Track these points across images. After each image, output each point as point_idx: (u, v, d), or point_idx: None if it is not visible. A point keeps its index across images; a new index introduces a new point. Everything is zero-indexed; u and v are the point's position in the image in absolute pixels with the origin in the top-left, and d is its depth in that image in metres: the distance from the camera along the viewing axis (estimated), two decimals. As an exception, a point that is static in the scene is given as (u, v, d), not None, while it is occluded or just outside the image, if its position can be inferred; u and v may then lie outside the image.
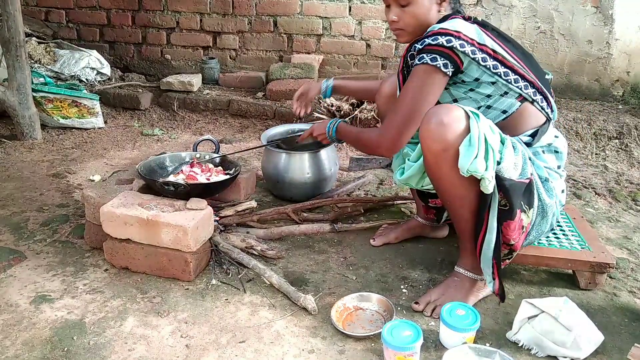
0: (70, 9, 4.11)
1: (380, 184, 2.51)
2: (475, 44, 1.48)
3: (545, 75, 1.63)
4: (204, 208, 1.74)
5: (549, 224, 1.62)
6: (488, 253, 1.48)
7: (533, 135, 1.57)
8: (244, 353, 1.39)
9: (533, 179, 1.49)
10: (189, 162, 2.10)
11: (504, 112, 1.56)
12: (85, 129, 3.27)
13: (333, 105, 2.99)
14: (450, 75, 1.50)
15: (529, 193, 1.48)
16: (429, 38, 1.49)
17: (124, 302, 1.60)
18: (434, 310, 1.54)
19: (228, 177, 2.00)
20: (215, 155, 2.15)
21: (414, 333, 1.32)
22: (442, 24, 1.50)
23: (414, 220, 1.97)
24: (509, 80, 1.52)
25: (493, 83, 1.52)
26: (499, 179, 1.42)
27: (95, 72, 3.75)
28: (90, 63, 3.71)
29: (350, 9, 3.66)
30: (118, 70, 3.97)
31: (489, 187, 1.41)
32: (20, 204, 2.24)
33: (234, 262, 1.77)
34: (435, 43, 1.47)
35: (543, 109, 1.59)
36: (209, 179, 1.99)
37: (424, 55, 1.49)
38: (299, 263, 1.82)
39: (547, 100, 1.60)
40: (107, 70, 3.80)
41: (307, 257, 1.86)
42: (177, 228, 1.64)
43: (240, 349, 1.41)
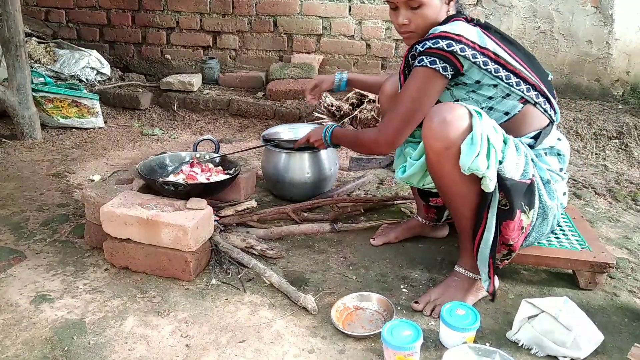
0: (70, 9, 4.11)
1: (380, 184, 2.51)
2: (477, 48, 1.47)
3: (548, 77, 1.63)
4: (204, 208, 1.74)
5: (549, 226, 1.62)
6: (485, 251, 1.48)
7: (536, 137, 1.57)
8: (244, 353, 1.39)
9: (534, 180, 1.49)
10: (189, 161, 2.10)
11: (506, 113, 1.56)
12: (85, 129, 3.27)
13: (333, 105, 2.98)
14: (450, 78, 1.50)
15: (530, 194, 1.48)
16: (430, 41, 1.48)
17: (124, 301, 1.60)
18: (434, 310, 1.54)
19: (228, 177, 2.00)
20: (215, 155, 2.15)
21: (414, 333, 1.32)
22: (443, 27, 1.49)
23: (414, 220, 1.97)
24: (511, 84, 1.51)
25: (494, 85, 1.52)
26: (500, 179, 1.42)
27: (95, 72, 3.75)
28: (90, 63, 3.71)
29: (350, 9, 3.66)
30: (118, 70, 3.97)
31: (490, 185, 1.41)
32: (20, 204, 2.24)
33: (234, 261, 1.77)
34: (436, 47, 1.46)
35: (546, 111, 1.59)
36: (209, 179, 1.98)
37: (424, 58, 1.49)
38: (299, 263, 1.82)
39: (549, 103, 1.59)
40: (107, 70, 3.80)
41: (307, 256, 1.86)
42: (177, 228, 1.64)
43: (240, 349, 1.41)
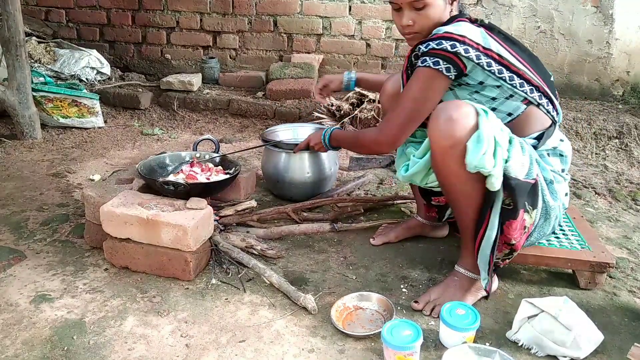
0: (70, 9, 4.11)
1: (380, 184, 2.51)
2: (480, 49, 1.47)
3: (550, 78, 1.63)
4: (204, 207, 1.74)
5: (551, 227, 1.62)
6: (486, 250, 1.48)
7: (539, 138, 1.57)
8: (244, 352, 1.39)
9: (538, 180, 1.49)
10: (189, 161, 2.10)
11: (509, 114, 1.55)
12: (85, 129, 3.27)
13: (333, 105, 2.98)
14: (453, 79, 1.50)
15: (534, 194, 1.47)
16: (434, 42, 1.48)
17: (124, 301, 1.60)
18: (434, 310, 1.54)
19: (228, 176, 2.00)
20: (215, 155, 2.15)
21: (414, 332, 1.32)
22: (447, 27, 1.49)
23: (414, 220, 1.97)
24: (514, 85, 1.51)
25: (498, 86, 1.52)
26: (506, 178, 1.41)
27: (95, 71, 3.75)
28: (90, 62, 3.71)
29: (350, 9, 3.66)
30: (118, 70, 3.97)
31: (496, 184, 1.40)
32: (20, 204, 2.24)
33: (234, 261, 1.77)
34: (440, 47, 1.46)
35: (549, 112, 1.58)
36: (209, 179, 1.98)
37: (427, 58, 1.48)
38: (299, 262, 1.82)
39: (552, 104, 1.59)
40: (107, 70, 3.80)
41: (307, 256, 1.86)
42: (177, 227, 1.64)
43: (240, 349, 1.41)
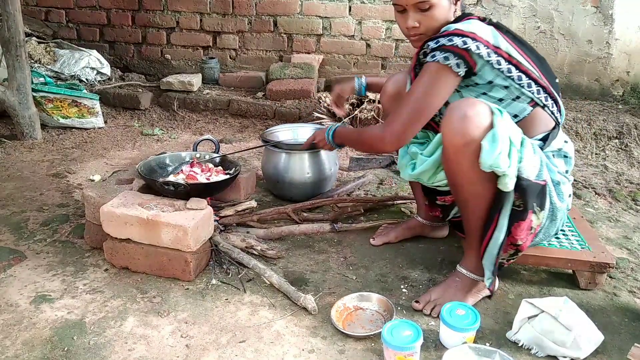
0: (70, 9, 4.11)
1: (380, 184, 2.51)
2: (491, 46, 1.45)
3: (556, 79, 1.62)
4: (204, 208, 1.74)
5: (557, 228, 1.62)
6: (493, 251, 1.47)
7: (544, 140, 1.56)
8: (244, 353, 1.39)
9: (547, 182, 1.48)
10: (189, 161, 2.10)
11: (515, 116, 1.54)
12: (85, 129, 3.27)
13: (333, 105, 2.98)
14: (463, 77, 1.47)
15: (543, 195, 1.47)
16: (444, 38, 1.45)
17: (124, 302, 1.60)
18: (434, 309, 1.54)
19: (228, 177, 2.00)
20: (215, 155, 2.15)
21: (414, 333, 1.32)
22: (457, 25, 1.47)
23: (414, 220, 1.97)
24: (522, 85, 1.50)
25: (506, 87, 1.50)
26: (517, 179, 1.40)
27: (95, 72, 3.75)
28: (90, 63, 3.71)
29: (350, 9, 3.66)
30: (118, 70, 3.97)
31: (510, 184, 1.39)
32: (20, 204, 2.24)
33: (234, 262, 1.77)
34: (450, 44, 1.44)
35: (553, 114, 1.58)
36: (209, 179, 1.98)
37: (437, 53, 1.45)
38: (299, 263, 1.82)
39: (557, 105, 1.58)
40: (107, 70, 3.80)
41: (307, 257, 1.86)
42: (177, 228, 1.64)
43: (240, 349, 1.41)
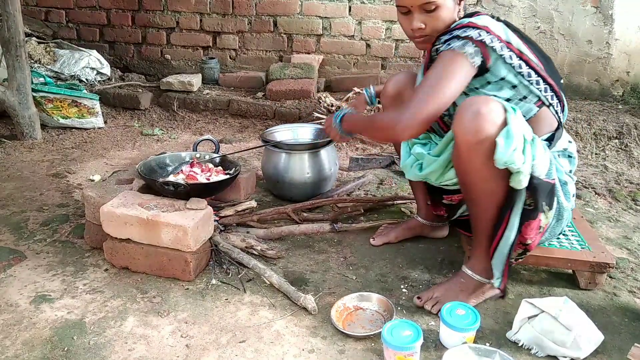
0: (70, 9, 4.11)
1: (380, 184, 2.51)
2: (503, 41, 1.45)
3: (561, 80, 1.62)
4: (204, 208, 1.74)
5: (562, 227, 1.62)
6: (504, 250, 1.46)
7: (549, 140, 1.56)
8: (244, 353, 1.39)
9: (556, 181, 1.48)
10: (189, 162, 2.10)
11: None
12: (85, 129, 3.27)
13: (333, 105, 2.99)
14: (476, 70, 1.44)
15: (552, 194, 1.46)
16: (458, 30, 1.44)
17: (124, 302, 1.60)
18: (435, 306, 1.54)
19: (228, 177, 2.00)
20: (215, 155, 2.15)
21: (414, 333, 1.32)
22: (470, 19, 1.47)
23: (414, 220, 1.97)
24: (531, 82, 1.49)
25: (514, 87, 1.49)
26: (530, 177, 1.39)
27: (95, 72, 3.75)
28: (90, 63, 3.72)
29: (350, 9, 3.66)
30: (118, 70, 3.97)
31: (524, 181, 1.38)
32: (20, 204, 2.24)
33: (234, 262, 1.77)
34: (465, 35, 1.43)
35: (557, 113, 1.57)
36: (209, 179, 1.98)
37: (452, 42, 1.44)
38: (299, 263, 1.82)
39: (561, 104, 1.58)
40: (107, 70, 3.80)
41: (307, 257, 1.86)
42: (177, 228, 1.64)
43: (241, 349, 1.41)
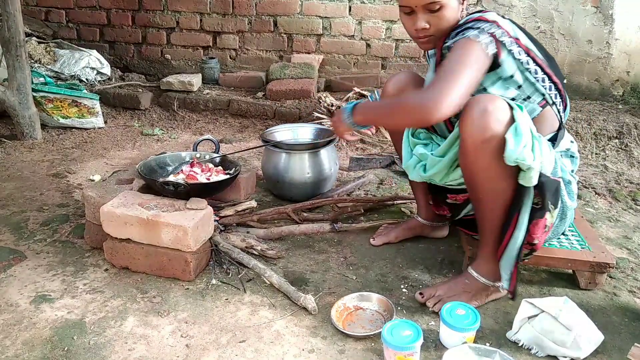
0: (70, 9, 4.11)
1: (380, 184, 2.51)
2: (512, 37, 1.45)
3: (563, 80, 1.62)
4: (204, 208, 1.74)
5: (565, 227, 1.62)
6: (513, 250, 1.45)
7: (552, 140, 1.55)
8: (244, 353, 1.39)
9: (561, 180, 1.48)
10: (189, 161, 2.10)
11: None
12: (85, 129, 3.27)
13: (333, 105, 2.99)
14: (489, 63, 1.42)
15: (557, 193, 1.46)
16: (469, 24, 1.45)
17: (124, 302, 1.60)
18: (436, 305, 1.53)
19: (228, 176, 2.00)
20: (215, 155, 2.15)
21: (414, 333, 1.32)
22: (479, 14, 1.47)
23: (414, 220, 1.97)
24: (537, 79, 1.48)
25: (519, 87, 1.49)
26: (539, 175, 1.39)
27: (95, 72, 3.75)
28: (90, 63, 3.72)
29: (350, 9, 3.66)
30: (118, 70, 3.97)
31: (534, 178, 1.37)
32: (20, 204, 2.24)
33: (234, 262, 1.77)
34: (477, 27, 1.43)
35: (559, 113, 1.57)
36: (209, 179, 1.98)
37: (467, 31, 1.43)
38: (299, 263, 1.82)
39: (564, 104, 1.58)
40: (107, 70, 3.80)
41: (307, 257, 1.86)
42: (177, 228, 1.64)
43: (241, 349, 1.41)
